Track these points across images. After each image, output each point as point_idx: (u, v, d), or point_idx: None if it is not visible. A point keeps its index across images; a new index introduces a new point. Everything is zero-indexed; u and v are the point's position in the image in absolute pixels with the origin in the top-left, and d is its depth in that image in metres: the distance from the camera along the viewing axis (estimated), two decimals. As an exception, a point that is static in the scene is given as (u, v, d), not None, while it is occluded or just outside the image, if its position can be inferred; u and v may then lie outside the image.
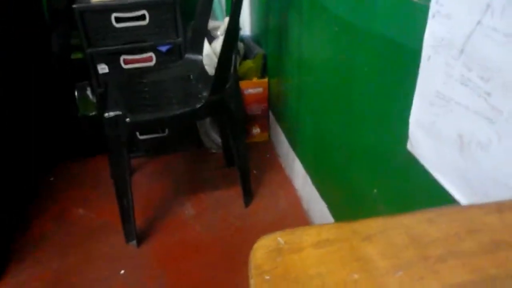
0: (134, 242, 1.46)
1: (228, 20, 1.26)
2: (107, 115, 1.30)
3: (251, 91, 1.85)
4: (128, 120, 1.29)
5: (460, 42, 0.65)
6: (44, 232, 1.55)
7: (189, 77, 1.60)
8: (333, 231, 0.39)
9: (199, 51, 1.65)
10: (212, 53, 1.77)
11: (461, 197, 0.71)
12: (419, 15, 0.72)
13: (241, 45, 1.87)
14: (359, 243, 0.37)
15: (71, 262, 1.43)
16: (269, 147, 1.96)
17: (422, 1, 0.72)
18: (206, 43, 1.69)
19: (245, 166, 1.57)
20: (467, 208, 0.50)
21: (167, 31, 1.71)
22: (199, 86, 1.52)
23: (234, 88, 1.47)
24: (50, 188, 1.77)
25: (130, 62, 1.74)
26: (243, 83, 1.81)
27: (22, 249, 1.48)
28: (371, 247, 0.37)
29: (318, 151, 1.42)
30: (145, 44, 1.71)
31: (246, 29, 2.11)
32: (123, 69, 1.74)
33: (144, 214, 1.57)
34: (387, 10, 0.85)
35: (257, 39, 2.01)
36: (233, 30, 1.29)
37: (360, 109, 1.05)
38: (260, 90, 1.87)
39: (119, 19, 1.65)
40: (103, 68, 1.74)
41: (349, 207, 1.21)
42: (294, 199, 1.64)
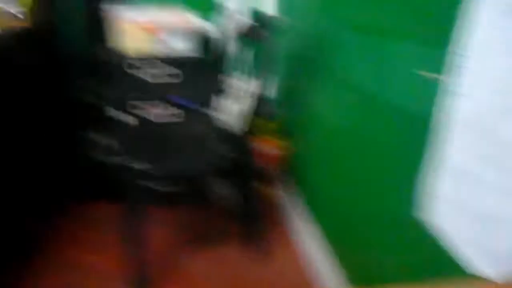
0: (141, 293, 1.44)
1: (256, 83, 1.32)
2: (120, 162, 1.34)
3: (269, 150, 1.89)
4: (147, 169, 1.32)
5: (479, 118, 0.68)
6: (53, 279, 1.53)
7: (209, 133, 1.65)
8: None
9: (221, 109, 1.71)
10: (232, 111, 1.83)
11: (479, 269, 0.70)
12: (434, 89, 0.76)
13: (263, 106, 1.94)
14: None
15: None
16: (281, 207, 1.96)
17: (437, 77, 0.76)
18: (228, 102, 1.76)
19: (256, 223, 1.57)
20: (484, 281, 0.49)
21: (191, 87, 1.78)
22: (218, 143, 1.57)
23: (248, 146, 1.51)
24: (57, 233, 1.76)
25: (156, 115, 1.80)
26: (263, 143, 1.86)
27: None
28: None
29: (333, 214, 1.42)
30: (166, 97, 1.78)
31: (269, 91, 2.18)
32: (145, 119, 1.80)
33: (152, 265, 1.56)
34: (402, 82, 0.89)
35: (278, 102, 2.08)
36: (259, 92, 1.34)
37: (375, 174, 1.07)
38: (278, 151, 1.91)
39: (151, 75, 1.74)
40: (124, 116, 1.80)
41: (363, 271, 1.19)
42: (305, 259, 1.61)
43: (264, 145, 1.87)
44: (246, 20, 1.63)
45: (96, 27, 1.94)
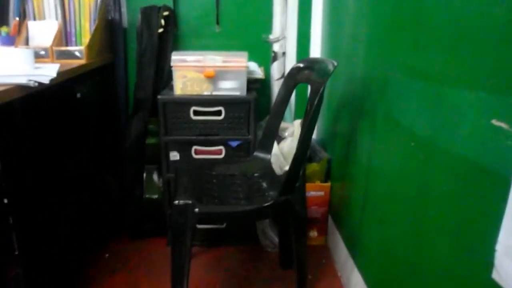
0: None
1: (306, 123, 1.31)
2: (176, 202, 1.34)
3: (313, 193, 1.86)
4: (197, 210, 1.32)
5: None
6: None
7: (256, 174, 1.64)
8: None
9: (268, 150, 1.71)
10: (279, 153, 1.83)
11: None
12: (509, 142, 0.73)
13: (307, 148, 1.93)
14: None
15: None
16: (325, 253, 1.91)
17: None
18: (274, 143, 1.76)
19: (304, 271, 1.53)
20: None
21: (239, 127, 1.80)
22: (266, 184, 1.56)
23: (301, 190, 1.49)
24: (105, 265, 1.79)
25: (201, 152, 1.83)
26: (306, 185, 1.83)
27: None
28: None
29: (382, 265, 1.36)
30: (217, 137, 1.81)
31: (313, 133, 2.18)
32: (193, 158, 1.83)
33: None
34: (471, 132, 0.86)
35: (323, 143, 2.07)
36: (309, 133, 1.34)
37: (433, 227, 1.02)
38: (322, 193, 1.88)
39: (196, 112, 1.77)
40: (174, 156, 1.84)
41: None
42: (350, 312, 1.54)
43: (307, 187, 1.84)
44: (295, 64, 1.65)
45: (159, 71, 2.02)
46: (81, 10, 1.78)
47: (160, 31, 1.98)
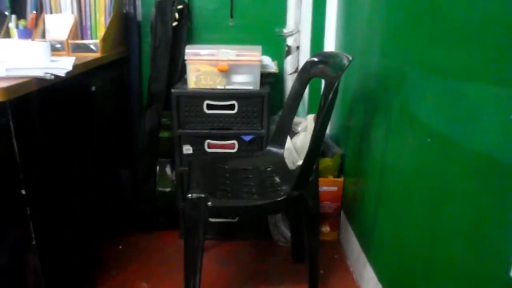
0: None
1: (320, 118, 1.30)
2: (190, 196, 1.35)
3: (325, 188, 1.85)
4: (210, 204, 1.32)
5: None
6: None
7: (269, 169, 1.64)
8: None
9: (281, 144, 1.70)
10: (292, 148, 1.83)
11: None
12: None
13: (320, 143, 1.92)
14: None
15: None
16: (337, 248, 1.91)
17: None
18: (287, 138, 1.76)
19: (315, 265, 1.52)
20: None
21: (253, 122, 1.80)
22: (279, 179, 1.55)
23: (314, 185, 1.48)
24: (117, 257, 1.81)
25: (214, 146, 1.83)
26: (319, 180, 1.82)
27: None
28: None
29: (395, 261, 1.35)
30: (230, 131, 1.81)
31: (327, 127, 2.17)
32: (206, 152, 1.83)
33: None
34: (491, 128, 0.84)
35: (336, 138, 2.05)
36: (323, 128, 1.33)
37: (450, 225, 1.01)
38: (335, 188, 1.87)
39: (210, 106, 1.77)
40: (187, 149, 1.84)
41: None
42: (363, 308, 1.54)
43: (320, 182, 1.83)
44: (309, 58, 1.64)
45: (173, 64, 2.03)
46: (97, 4, 1.78)
47: (174, 24, 1.98)
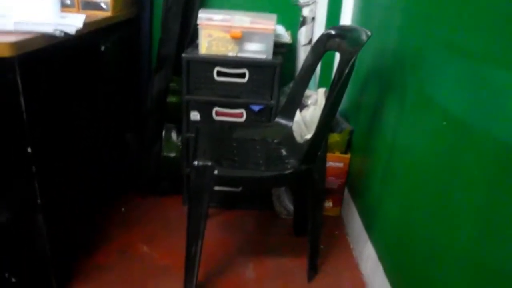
0: (192, 293, 1.44)
1: (334, 93, 1.27)
2: (196, 163, 1.34)
3: (331, 164, 1.84)
4: (216, 172, 1.31)
5: None
6: (106, 261, 1.58)
7: (277, 141, 1.62)
8: None
9: (291, 117, 1.68)
10: (301, 121, 1.80)
11: None
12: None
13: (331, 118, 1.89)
14: None
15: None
16: (339, 224, 1.91)
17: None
18: (297, 111, 1.73)
19: (317, 240, 1.53)
20: None
21: (262, 92, 1.77)
22: (286, 152, 1.54)
23: (322, 161, 1.47)
24: (120, 219, 1.83)
25: (222, 114, 1.81)
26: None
27: (84, 271, 1.51)
28: None
29: (398, 241, 1.35)
30: (239, 100, 1.78)
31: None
32: (213, 119, 1.81)
33: (205, 266, 1.55)
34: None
35: (345, 114, 2.03)
36: (335, 104, 1.31)
37: (459, 210, 0.99)
38: (341, 165, 1.86)
39: (220, 73, 1.74)
40: (195, 115, 1.82)
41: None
42: (360, 284, 1.55)
43: (327, 156, 1.82)
44: (325, 31, 1.59)
45: (185, 27, 1.98)
46: (109, -40, 1.72)
47: (188, -14, 1.92)
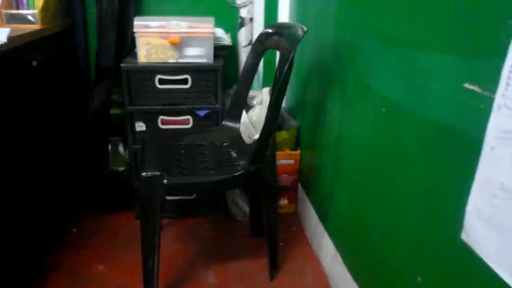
0: (153, 308, 1.39)
1: (276, 91, 1.28)
2: (144, 174, 1.30)
3: (282, 162, 1.85)
4: (165, 181, 1.28)
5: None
6: (58, 286, 1.50)
7: (225, 144, 1.61)
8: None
9: (237, 119, 1.68)
10: (248, 122, 1.80)
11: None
12: (481, 105, 0.73)
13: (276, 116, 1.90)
14: None
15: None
16: (295, 220, 1.93)
17: (485, 92, 0.73)
18: (244, 112, 1.73)
19: (274, 238, 1.53)
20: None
21: (207, 96, 1.75)
22: (235, 154, 1.53)
23: (271, 159, 1.47)
24: (71, 240, 1.75)
25: (168, 123, 1.77)
26: (276, 154, 1.82)
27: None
28: None
29: (352, 229, 1.38)
30: (184, 107, 1.76)
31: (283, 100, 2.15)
32: (159, 128, 1.77)
33: (165, 279, 1.51)
34: (443, 96, 0.85)
35: (291, 111, 2.05)
36: (278, 101, 1.31)
37: (405, 192, 1.03)
38: (291, 161, 1.87)
39: (162, 81, 1.71)
40: (140, 126, 1.78)
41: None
42: (321, 277, 1.57)
43: (277, 155, 1.83)
44: (263, 30, 1.60)
45: (121, 37, 1.92)
46: (32, -30, 1.64)
47: (121, -6, 1.87)
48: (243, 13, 2.04)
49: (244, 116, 1.75)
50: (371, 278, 1.25)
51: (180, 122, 1.78)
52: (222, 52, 1.83)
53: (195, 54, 1.70)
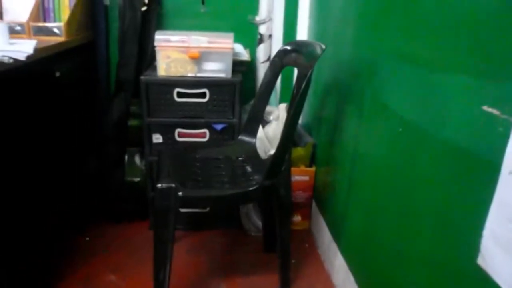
0: (163, 320, 1.39)
1: (293, 108, 1.29)
2: (160, 186, 1.31)
3: (297, 178, 1.85)
4: (181, 194, 1.29)
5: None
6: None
7: (241, 158, 1.62)
8: None
9: (253, 134, 1.69)
10: (264, 137, 1.81)
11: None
12: (499, 128, 0.72)
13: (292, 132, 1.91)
14: None
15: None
16: (308, 237, 1.91)
17: (504, 115, 0.72)
18: (261, 128, 1.74)
19: (287, 255, 1.52)
20: None
21: (224, 110, 1.77)
22: (250, 168, 1.54)
23: (286, 175, 1.47)
24: (84, 249, 1.76)
25: (184, 135, 1.79)
26: (291, 170, 1.82)
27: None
28: None
29: (365, 249, 1.37)
30: (201, 120, 1.77)
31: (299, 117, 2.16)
32: (176, 141, 1.79)
33: (176, 289, 1.51)
34: (461, 118, 0.85)
35: (308, 127, 2.05)
36: (295, 117, 1.32)
37: (420, 213, 1.02)
38: (306, 178, 1.87)
39: (180, 94, 1.73)
40: (157, 138, 1.80)
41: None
42: (334, 294, 1.55)
43: (292, 171, 1.83)
44: (282, 46, 1.62)
45: (142, 50, 1.96)
46: (60, -15, 1.70)
47: (144, 9, 1.91)
48: (262, 29, 2.07)
49: (260, 131, 1.76)
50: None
51: (196, 135, 1.79)
52: (240, 67, 1.85)
53: (214, 69, 1.72)
